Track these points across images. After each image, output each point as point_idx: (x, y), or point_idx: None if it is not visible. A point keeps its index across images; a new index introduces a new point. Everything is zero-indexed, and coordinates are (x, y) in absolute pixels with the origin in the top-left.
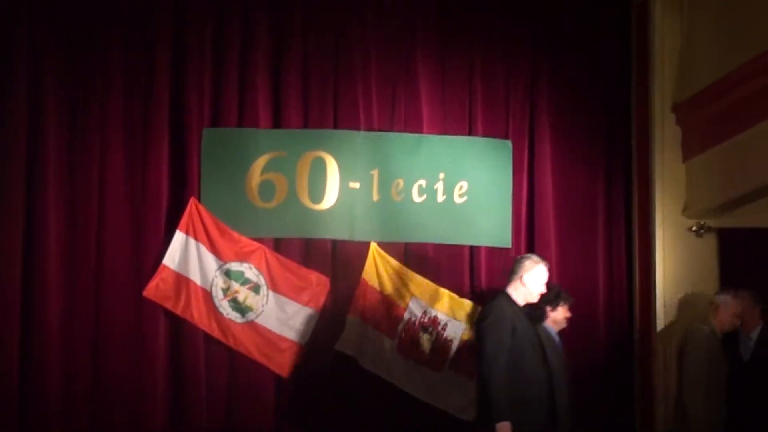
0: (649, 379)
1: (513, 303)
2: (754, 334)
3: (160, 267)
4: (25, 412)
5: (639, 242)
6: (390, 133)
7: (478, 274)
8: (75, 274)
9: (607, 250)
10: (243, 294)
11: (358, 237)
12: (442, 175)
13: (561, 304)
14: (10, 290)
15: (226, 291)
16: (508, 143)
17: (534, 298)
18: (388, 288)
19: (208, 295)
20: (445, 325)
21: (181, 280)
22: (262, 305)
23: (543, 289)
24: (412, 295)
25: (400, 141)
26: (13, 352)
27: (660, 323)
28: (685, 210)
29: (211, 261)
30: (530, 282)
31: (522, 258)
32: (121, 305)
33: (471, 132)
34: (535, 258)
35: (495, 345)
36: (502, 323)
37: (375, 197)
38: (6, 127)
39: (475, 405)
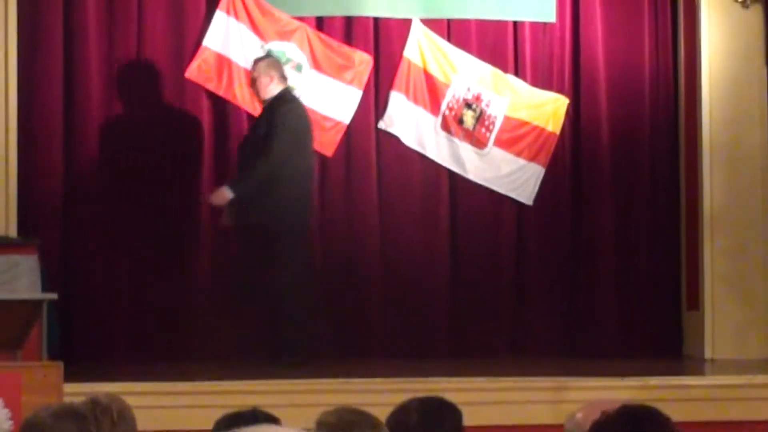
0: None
1: None
2: None
3: (201, 48)
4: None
5: (684, 13)
6: None
7: (522, 49)
8: (114, 58)
9: (653, 21)
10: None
11: (401, 13)
12: None
13: None
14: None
15: None
16: None
17: None
18: (432, 65)
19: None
20: (489, 101)
21: (222, 61)
22: (305, 85)
23: None
24: (456, 72)
25: None
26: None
27: (705, 97)
28: None
29: (252, 41)
30: None
31: None
32: (163, 89)
33: None
34: None
35: None
36: None
37: None
38: None
39: None
